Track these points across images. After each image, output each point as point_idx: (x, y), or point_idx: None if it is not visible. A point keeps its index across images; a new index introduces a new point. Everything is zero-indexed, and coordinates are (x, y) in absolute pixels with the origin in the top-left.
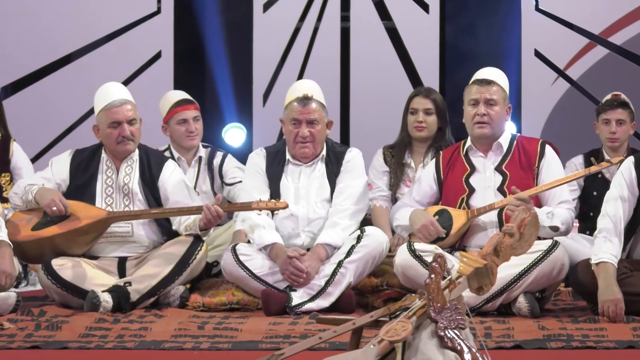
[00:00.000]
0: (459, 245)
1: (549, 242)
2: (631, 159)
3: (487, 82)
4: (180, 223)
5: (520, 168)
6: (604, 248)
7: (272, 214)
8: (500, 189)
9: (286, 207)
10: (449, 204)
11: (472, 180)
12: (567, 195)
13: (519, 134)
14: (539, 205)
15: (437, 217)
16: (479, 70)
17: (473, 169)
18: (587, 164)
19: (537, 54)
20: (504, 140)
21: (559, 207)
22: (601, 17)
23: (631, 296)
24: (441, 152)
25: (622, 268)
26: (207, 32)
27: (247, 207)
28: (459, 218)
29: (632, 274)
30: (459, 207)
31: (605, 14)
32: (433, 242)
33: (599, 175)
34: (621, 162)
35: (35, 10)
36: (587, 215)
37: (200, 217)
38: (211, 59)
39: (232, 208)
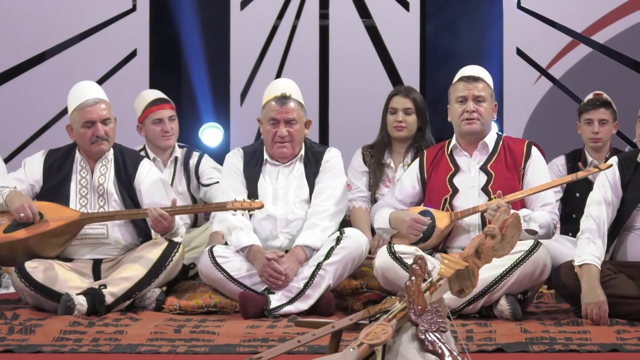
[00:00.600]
0: (441, 246)
1: (530, 243)
2: (615, 159)
3: (474, 79)
4: None
5: (505, 168)
6: (587, 250)
7: (250, 215)
8: (484, 189)
9: (261, 207)
10: (432, 204)
11: (456, 181)
12: (551, 198)
13: (504, 134)
14: (523, 207)
15: None
16: (462, 68)
17: (457, 169)
18: (569, 164)
19: (519, 53)
20: (490, 140)
21: (540, 210)
22: (584, 15)
23: (615, 298)
24: (425, 151)
25: (606, 270)
26: (183, 30)
27: (221, 207)
28: (442, 220)
29: (615, 275)
30: (442, 208)
31: (588, 12)
32: (415, 243)
33: None
34: (609, 167)
35: (8, 7)
36: (569, 217)
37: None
38: (187, 57)
39: (207, 209)
